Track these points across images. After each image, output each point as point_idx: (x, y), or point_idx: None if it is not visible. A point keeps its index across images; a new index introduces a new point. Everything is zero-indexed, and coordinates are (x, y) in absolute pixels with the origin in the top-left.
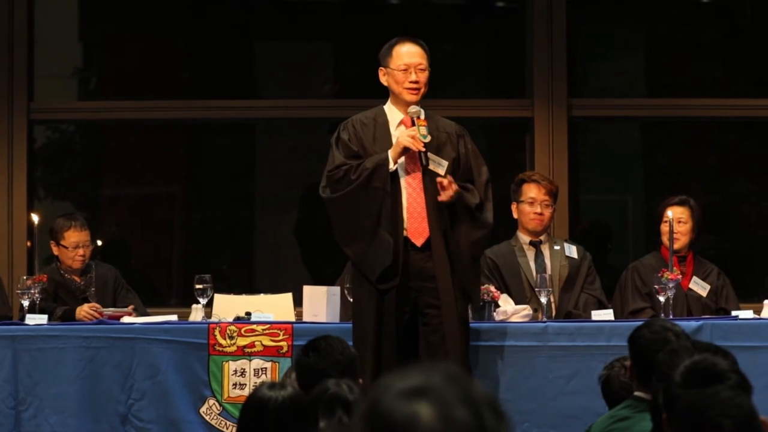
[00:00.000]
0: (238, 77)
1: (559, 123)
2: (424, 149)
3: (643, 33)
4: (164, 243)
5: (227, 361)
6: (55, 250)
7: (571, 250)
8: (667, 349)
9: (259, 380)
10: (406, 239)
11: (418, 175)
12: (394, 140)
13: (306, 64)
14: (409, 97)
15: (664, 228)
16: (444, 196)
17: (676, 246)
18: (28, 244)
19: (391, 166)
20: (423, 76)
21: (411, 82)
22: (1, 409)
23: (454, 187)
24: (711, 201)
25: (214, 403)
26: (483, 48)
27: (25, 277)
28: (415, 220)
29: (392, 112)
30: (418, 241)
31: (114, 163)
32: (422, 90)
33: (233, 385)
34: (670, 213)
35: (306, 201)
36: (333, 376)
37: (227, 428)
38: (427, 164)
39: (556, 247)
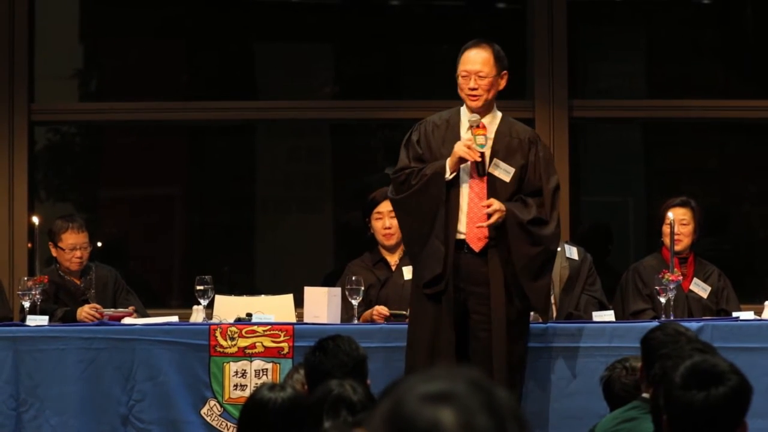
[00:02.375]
0: (239, 78)
1: (559, 124)
2: (479, 159)
3: (643, 34)
4: (165, 244)
5: (228, 362)
6: (54, 252)
7: (572, 252)
8: (668, 351)
9: (260, 381)
10: (464, 243)
11: (483, 179)
12: None
13: (306, 66)
14: (470, 103)
15: (666, 229)
16: (485, 222)
17: (678, 247)
18: (29, 245)
19: (447, 175)
20: (483, 83)
21: (470, 89)
22: (2, 410)
23: (497, 215)
24: (711, 202)
25: (215, 404)
26: None
27: (25, 278)
28: (474, 225)
29: (465, 115)
30: (477, 246)
31: (114, 164)
32: (484, 96)
33: (234, 386)
34: (672, 214)
35: (307, 202)
36: (338, 376)
37: (228, 429)
38: (484, 173)
39: (557, 249)
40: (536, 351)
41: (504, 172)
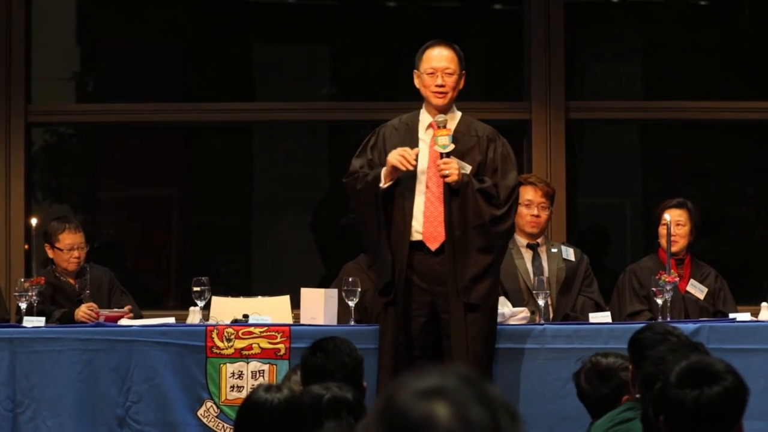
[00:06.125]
0: (236, 80)
1: (556, 125)
2: (412, 167)
3: (640, 35)
4: (162, 246)
5: (225, 363)
6: (50, 253)
7: (569, 253)
8: (661, 353)
9: (256, 382)
10: (422, 243)
11: (440, 179)
12: (421, 144)
13: (304, 67)
14: (435, 100)
15: (662, 231)
16: (450, 178)
17: (674, 249)
18: (26, 247)
19: (382, 184)
20: (450, 80)
21: (437, 86)
22: None
23: (454, 163)
24: (708, 204)
25: (211, 406)
26: (481, 50)
27: (22, 280)
28: (431, 225)
29: (424, 116)
30: (433, 246)
31: (112, 165)
32: (450, 94)
33: (231, 387)
34: (668, 216)
35: (304, 204)
36: (339, 377)
37: (224, 430)
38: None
39: (554, 250)
40: (533, 352)
41: (462, 170)
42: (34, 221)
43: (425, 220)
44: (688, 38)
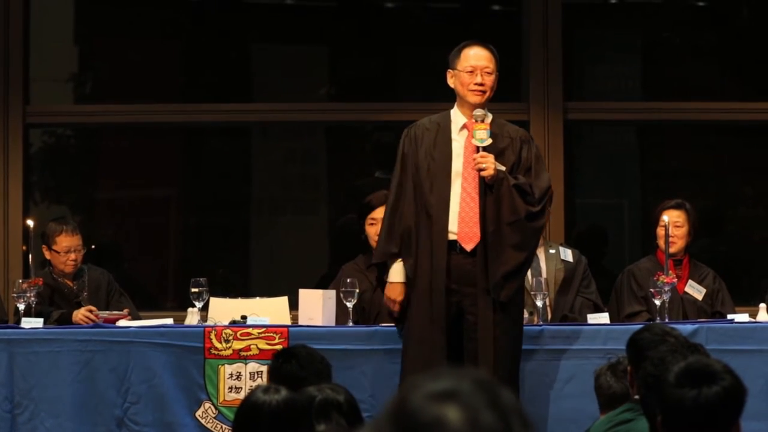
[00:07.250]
0: (234, 80)
1: (554, 126)
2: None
3: (638, 36)
4: (160, 246)
5: (223, 364)
6: (47, 255)
7: (567, 254)
8: (660, 354)
9: (254, 384)
10: (456, 243)
11: (475, 179)
12: (454, 144)
13: (302, 68)
14: (473, 98)
15: (660, 231)
16: (486, 171)
17: (672, 249)
18: (24, 248)
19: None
20: (489, 80)
21: (476, 84)
22: None
23: (491, 158)
24: (707, 204)
25: (209, 407)
26: None
27: (20, 281)
28: (466, 225)
29: (456, 116)
30: (468, 246)
31: (110, 166)
32: (487, 93)
33: (229, 388)
34: (666, 217)
35: (302, 204)
36: (313, 383)
37: (223, 431)
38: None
39: (552, 251)
40: (531, 353)
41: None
42: (31, 222)
43: (460, 220)
44: (687, 39)
